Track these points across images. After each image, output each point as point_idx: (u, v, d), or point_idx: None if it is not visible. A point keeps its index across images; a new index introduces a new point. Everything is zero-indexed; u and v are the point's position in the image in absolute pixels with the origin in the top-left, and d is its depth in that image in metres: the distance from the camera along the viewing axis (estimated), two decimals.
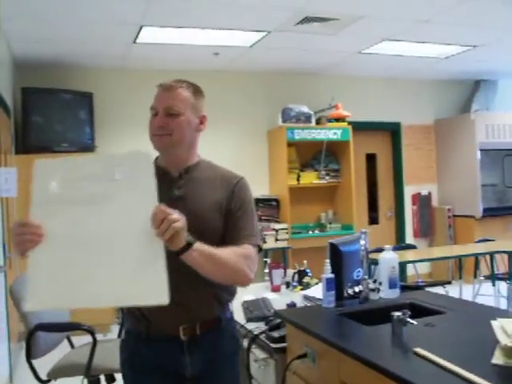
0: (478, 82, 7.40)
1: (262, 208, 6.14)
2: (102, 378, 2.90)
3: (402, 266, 4.16)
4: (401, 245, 5.84)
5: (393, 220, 7.39)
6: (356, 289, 2.40)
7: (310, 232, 6.38)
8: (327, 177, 6.46)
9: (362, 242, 2.41)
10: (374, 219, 7.31)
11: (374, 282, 2.44)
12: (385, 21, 4.76)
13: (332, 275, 2.30)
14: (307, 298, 2.75)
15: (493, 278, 5.11)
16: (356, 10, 4.43)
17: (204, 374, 1.69)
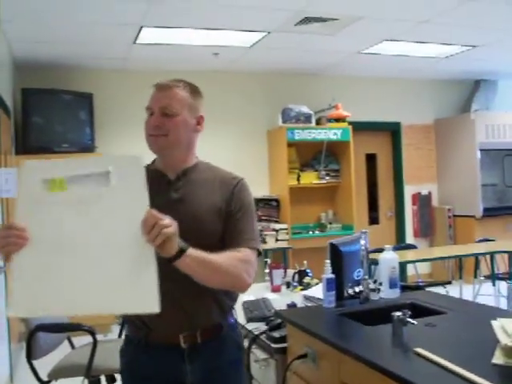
0: (478, 81, 7.39)
1: (262, 208, 6.16)
2: (103, 378, 2.91)
3: (402, 266, 4.14)
4: (401, 245, 5.85)
5: (393, 220, 7.38)
6: (356, 289, 2.40)
7: (310, 232, 6.38)
8: (327, 177, 6.46)
9: (362, 242, 2.41)
10: (374, 219, 7.31)
11: (375, 282, 2.45)
12: (385, 21, 4.76)
13: (332, 275, 2.30)
14: (307, 298, 2.74)
15: (493, 277, 5.11)
16: (356, 11, 4.43)
17: (205, 382, 1.65)
